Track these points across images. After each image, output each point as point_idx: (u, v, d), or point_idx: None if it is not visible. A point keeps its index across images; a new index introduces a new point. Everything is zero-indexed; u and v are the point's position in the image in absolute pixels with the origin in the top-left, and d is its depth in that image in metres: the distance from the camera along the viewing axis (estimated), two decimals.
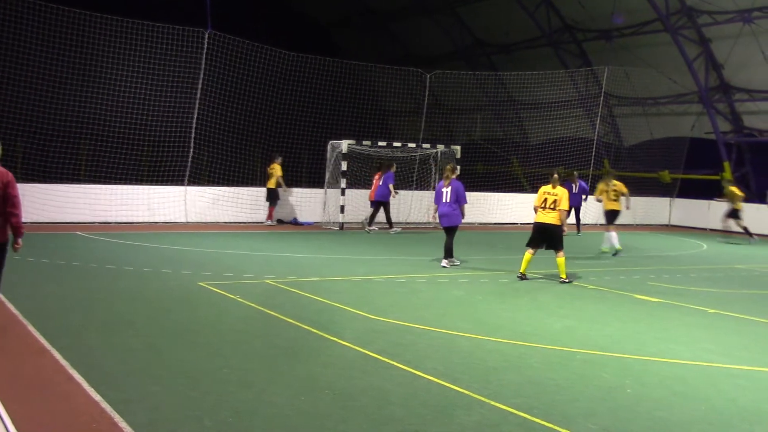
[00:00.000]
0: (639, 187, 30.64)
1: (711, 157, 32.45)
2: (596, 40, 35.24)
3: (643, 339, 10.55)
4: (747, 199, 31.52)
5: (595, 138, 32.44)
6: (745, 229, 25.46)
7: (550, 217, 15.09)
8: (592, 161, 31.89)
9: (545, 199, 15.14)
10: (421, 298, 12.95)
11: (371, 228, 23.79)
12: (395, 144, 26.26)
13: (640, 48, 33.52)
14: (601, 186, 21.21)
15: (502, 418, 6.97)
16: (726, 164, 32.11)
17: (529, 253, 15.25)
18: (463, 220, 16.88)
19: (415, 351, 9.21)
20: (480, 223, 26.92)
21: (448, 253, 16.63)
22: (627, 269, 17.63)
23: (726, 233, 27.05)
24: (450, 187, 16.52)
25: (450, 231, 16.78)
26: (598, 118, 32.88)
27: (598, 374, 8.60)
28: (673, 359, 9.46)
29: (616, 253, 20.21)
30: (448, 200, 16.48)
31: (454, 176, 16.82)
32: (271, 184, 24.43)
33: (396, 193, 23.99)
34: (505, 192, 30.08)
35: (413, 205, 26.59)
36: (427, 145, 26.98)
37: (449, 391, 7.68)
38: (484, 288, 14.17)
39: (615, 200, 20.60)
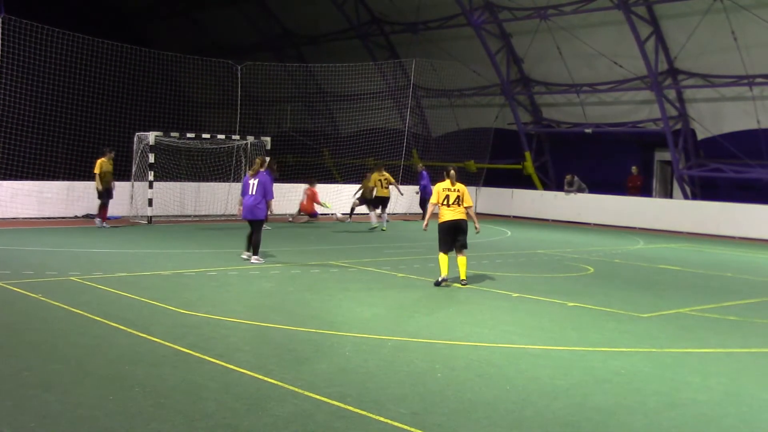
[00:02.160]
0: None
1: (514, 147, 33.83)
2: (403, 33, 35.95)
3: (451, 324, 10.88)
4: (546, 187, 33.19)
5: (405, 129, 33.12)
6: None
7: (459, 213, 14.26)
8: (403, 152, 32.54)
9: (447, 197, 14.30)
10: (232, 291, 12.83)
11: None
12: (204, 136, 25.87)
13: (445, 41, 34.47)
14: (374, 176, 24.37)
15: (316, 407, 7.01)
16: (527, 154, 33.57)
17: (444, 256, 14.19)
18: (270, 214, 16.63)
19: (227, 344, 9.12)
20: (291, 215, 26.90)
21: (255, 249, 16.29)
22: (436, 257, 18.07)
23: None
24: (257, 180, 16.20)
25: (254, 225, 16.37)
26: (408, 109, 33.58)
27: (408, 360, 8.79)
28: (479, 342, 9.80)
29: (372, 229, 23.53)
30: (254, 193, 16.16)
31: (262, 169, 16.53)
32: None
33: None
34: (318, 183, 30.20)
35: (230, 198, 26.23)
36: (237, 137, 26.72)
37: (262, 384, 7.65)
38: (295, 279, 14.19)
39: (386, 188, 24.30)
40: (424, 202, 26.99)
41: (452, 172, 14.47)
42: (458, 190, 14.31)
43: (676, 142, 29.50)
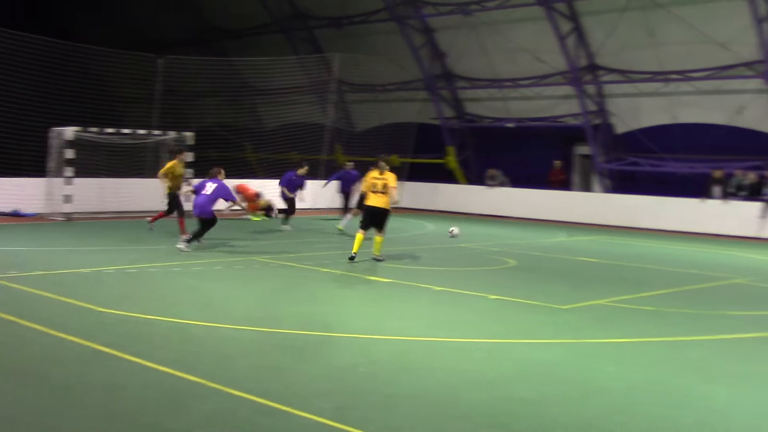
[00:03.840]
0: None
1: (437, 141, 34.03)
2: (327, 27, 35.87)
3: (374, 318, 10.92)
4: (469, 181, 33.47)
5: (328, 124, 33.05)
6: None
7: (380, 201, 15.96)
8: (326, 147, 32.48)
9: (374, 184, 16.01)
10: (153, 288, 12.65)
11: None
12: (124, 131, 25.43)
13: (369, 36, 34.52)
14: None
15: (239, 404, 6.96)
16: (450, 148, 33.80)
17: (360, 234, 16.06)
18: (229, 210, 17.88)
19: (147, 342, 8.99)
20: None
21: (194, 237, 16.92)
22: (361, 251, 18.09)
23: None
24: (216, 185, 17.23)
25: (202, 222, 17.11)
26: (331, 104, 33.51)
27: (332, 355, 8.80)
28: (402, 336, 9.85)
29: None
30: (208, 193, 17.10)
31: (220, 177, 17.54)
32: None
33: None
34: (240, 178, 29.92)
35: (145, 193, 25.81)
36: (159, 132, 26.33)
37: (184, 381, 7.56)
38: (218, 275, 14.05)
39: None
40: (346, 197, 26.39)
41: (382, 163, 16.18)
42: (385, 179, 15.96)
43: (595, 137, 30.05)
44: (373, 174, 16.20)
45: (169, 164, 19.13)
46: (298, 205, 23.24)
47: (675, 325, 11.22)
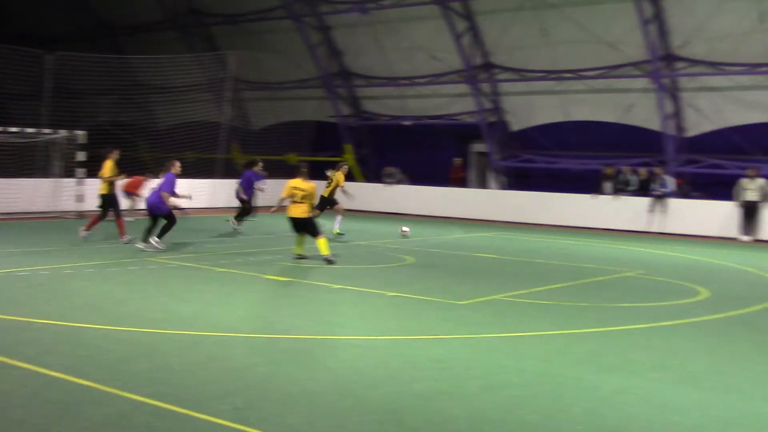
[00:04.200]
0: (267, 170, 31.34)
1: (335, 139, 34.04)
2: (223, 24, 35.48)
3: (272, 317, 10.85)
4: (367, 179, 33.57)
5: (225, 122, 32.69)
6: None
7: (300, 211, 15.84)
8: (222, 145, 32.13)
9: (294, 194, 15.83)
10: (43, 291, 12.27)
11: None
12: (11, 129, 24.62)
13: (266, 34, 34.29)
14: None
15: (134, 408, 6.81)
16: (348, 146, 33.85)
17: (300, 237, 16.17)
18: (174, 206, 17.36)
19: (37, 347, 8.71)
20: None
21: (160, 233, 16.97)
22: (257, 250, 17.98)
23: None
24: (163, 179, 17.16)
25: (152, 219, 17.10)
26: (228, 102, 33.15)
27: (230, 355, 8.70)
28: (300, 335, 9.80)
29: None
30: (157, 189, 17.20)
31: (172, 170, 17.24)
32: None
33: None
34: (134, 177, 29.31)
35: (35, 194, 25.08)
36: (49, 130, 25.59)
37: (76, 386, 7.36)
38: (111, 277, 13.73)
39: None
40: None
41: (304, 170, 16.11)
42: (305, 190, 15.84)
43: (491, 134, 30.52)
44: (295, 182, 15.99)
45: (106, 164, 18.45)
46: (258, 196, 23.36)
47: (569, 318, 11.47)
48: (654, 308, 12.44)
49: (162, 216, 17.03)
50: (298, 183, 15.93)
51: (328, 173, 22.34)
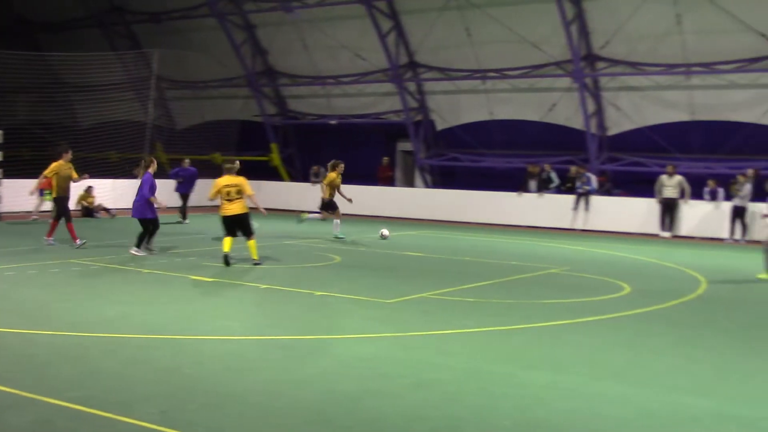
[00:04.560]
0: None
1: (260, 139, 33.84)
2: (146, 22, 34.97)
3: (199, 319, 10.72)
4: (293, 179, 33.46)
5: (148, 122, 32.22)
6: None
7: (236, 208, 15.45)
8: (146, 145, 31.66)
9: (228, 192, 15.40)
10: None
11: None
12: None
13: (189, 32, 33.89)
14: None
15: (57, 413, 6.67)
16: (273, 146, 33.69)
17: (228, 238, 15.54)
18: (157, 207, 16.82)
19: None
20: (26, 211, 25.41)
21: (139, 241, 16.59)
22: (183, 251, 17.78)
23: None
24: (143, 181, 16.57)
25: (141, 222, 16.67)
26: (152, 101, 32.68)
27: (156, 358, 8.57)
28: (227, 336, 9.73)
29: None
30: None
31: (150, 170, 16.78)
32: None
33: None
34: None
35: None
36: None
37: None
38: (32, 280, 13.43)
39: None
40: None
41: (227, 166, 15.81)
42: (237, 185, 15.51)
43: (417, 133, 30.67)
44: (224, 180, 15.63)
45: (53, 165, 17.89)
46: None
47: (496, 315, 11.59)
48: (579, 304, 12.64)
49: (149, 222, 16.64)
50: (229, 180, 15.62)
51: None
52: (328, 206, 21.64)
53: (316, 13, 30.51)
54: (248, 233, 15.71)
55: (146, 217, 16.67)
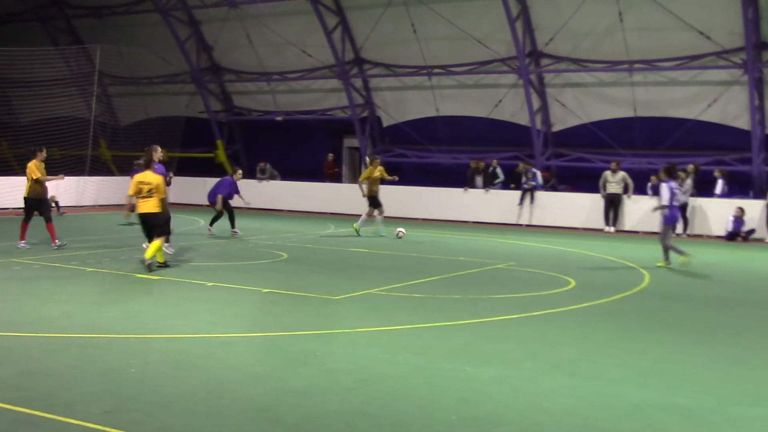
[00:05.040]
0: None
1: (206, 135, 33.56)
2: (87, 17, 34.45)
3: (145, 317, 10.60)
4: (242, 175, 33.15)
5: (91, 118, 31.77)
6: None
7: (150, 206, 14.56)
8: (90, 141, 31.22)
9: (141, 189, 14.56)
10: None
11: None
12: None
13: (133, 27, 33.47)
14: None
15: None
16: (219, 142, 33.45)
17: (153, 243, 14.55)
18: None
19: None
20: None
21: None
22: (128, 249, 17.56)
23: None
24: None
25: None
26: (94, 97, 32.22)
27: (100, 357, 8.46)
28: (174, 334, 9.63)
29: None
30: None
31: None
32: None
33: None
34: None
35: None
36: None
37: None
38: None
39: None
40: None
41: (141, 161, 15.01)
42: (150, 183, 14.61)
43: (363, 129, 30.68)
44: (140, 177, 14.75)
45: (31, 164, 17.32)
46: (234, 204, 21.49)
47: (444, 310, 11.64)
48: (525, 299, 12.75)
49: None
50: (144, 176, 14.70)
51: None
52: (374, 202, 21.71)
53: (261, 8, 30.35)
54: (159, 233, 14.69)
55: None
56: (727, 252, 20.72)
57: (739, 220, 23.24)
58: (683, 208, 23.90)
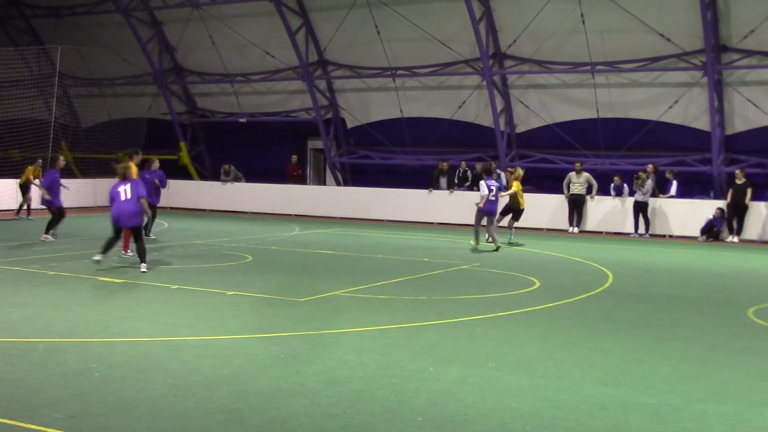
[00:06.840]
0: (100, 169, 30.46)
1: (168, 137, 33.33)
2: (47, 17, 34.09)
3: (108, 320, 10.49)
4: (203, 177, 33.06)
5: (52, 120, 31.40)
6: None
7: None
8: (51, 143, 30.85)
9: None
10: None
11: None
12: None
13: (94, 28, 33.16)
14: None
15: None
16: (182, 144, 33.25)
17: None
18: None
19: None
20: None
21: (142, 257, 14.78)
22: (90, 252, 17.35)
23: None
24: (129, 185, 14.85)
25: (135, 231, 15.00)
26: (55, 99, 31.86)
27: (63, 361, 8.36)
28: (137, 338, 9.54)
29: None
30: (129, 197, 14.75)
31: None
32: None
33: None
34: None
35: None
36: None
37: None
38: None
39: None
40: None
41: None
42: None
43: (327, 131, 30.63)
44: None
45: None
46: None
47: (409, 311, 11.65)
48: (490, 299, 12.80)
49: (136, 228, 15.04)
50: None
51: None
52: (515, 212, 21.68)
53: (224, 9, 30.21)
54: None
55: (138, 224, 15.19)
56: (690, 251, 20.95)
57: (718, 220, 23.37)
58: (643, 208, 24.12)
